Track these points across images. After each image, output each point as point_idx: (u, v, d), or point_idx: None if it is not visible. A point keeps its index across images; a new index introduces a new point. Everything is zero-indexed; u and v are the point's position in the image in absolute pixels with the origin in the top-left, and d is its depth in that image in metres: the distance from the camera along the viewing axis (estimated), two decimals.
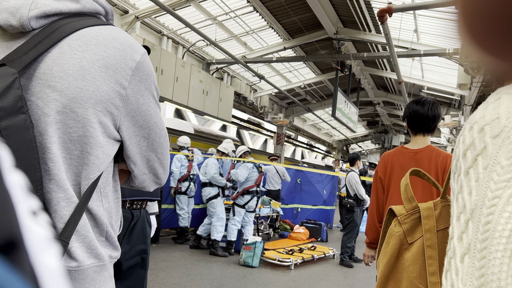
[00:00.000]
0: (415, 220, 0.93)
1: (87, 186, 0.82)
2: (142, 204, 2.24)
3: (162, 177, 1.02)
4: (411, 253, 0.90)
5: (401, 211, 0.96)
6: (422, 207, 0.92)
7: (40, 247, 0.25)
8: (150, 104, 0.91)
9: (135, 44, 0.89)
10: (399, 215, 0.96)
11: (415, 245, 0.91)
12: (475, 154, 0.52)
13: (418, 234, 0.91)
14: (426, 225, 0.89)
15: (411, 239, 0.92)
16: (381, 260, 0.96)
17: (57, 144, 0.78)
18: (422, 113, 2.27)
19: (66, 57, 0.78)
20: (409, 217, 0.94)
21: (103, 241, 0.87)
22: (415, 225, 0.93)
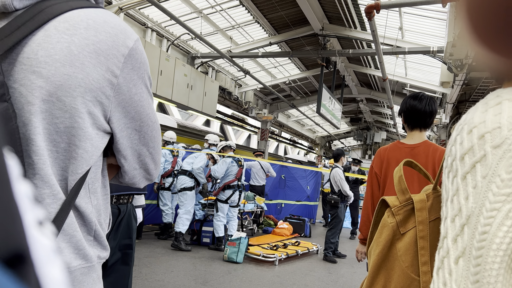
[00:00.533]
0: (408, 212, 0.94)
1: (75, 182, 0.76)
2: (129, 199, 2.19)
3: (154, 173, 0.96)
4: (403, 243, 0.92)
5: (394, 202, 0.98)
6: (415, 199, 0.94)
7: (45, 259, 0.24)
8: (142, 94, 0.85)
9: (128, 30, 0.83)
10: (392, 207, 0.97)
11: (407, 235, 0.92)
12: (473, 160, 0.53)
13: (411, 225, 0.93)
14: (419, 217, 0.91)
15: (403, 229, 0.94)
16: (374, 250, 0.98)
17: (42, 136, 0.71)
18: (420, 108, 2.26)
19: (52, 40, 0.72)
20: (402, 208, 0.96)
21: (91, 241, 0.81)
22: (407, 216, 0.94)
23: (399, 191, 0.98)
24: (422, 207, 0.91)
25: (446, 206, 0.65)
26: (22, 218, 0.23)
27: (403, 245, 0.91)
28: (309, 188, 10.06)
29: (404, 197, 0.96)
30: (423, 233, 0.89)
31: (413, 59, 9.03)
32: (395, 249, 0.93)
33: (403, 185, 0.98)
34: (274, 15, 7.81)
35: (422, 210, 0.90)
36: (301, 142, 23.68)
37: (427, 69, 9.23)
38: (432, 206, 0.90)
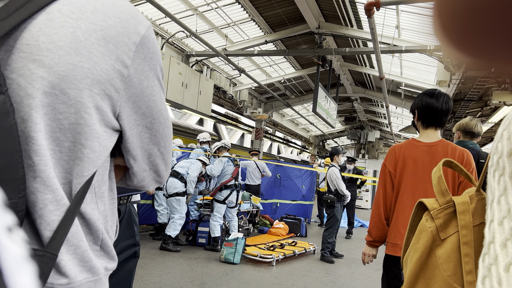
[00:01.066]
0: (449, 215, 0.86)
1: (80, 185, 0.67)
2: (128, 199, 2.12)
3: (164, 175, 0.88)
4: (444, 250, 0.84)
5: (433, 205, 0.89)
6: (457, 201, 0.85)
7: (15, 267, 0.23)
8: (154, 87, 0.77)
9: (139, 15, 0.74)
10: (431, 210, 0.88)
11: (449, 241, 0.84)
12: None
13: (452, 230, 0.85)
14: (462, 221, 0.83)
15: (444, 234, 0.85)
16: (411, 257, 0.89)
17: (43, 133, 0.62)
18: (437, 106, 2.19)
19: (56, 25, 0.62)
20: (442, 211, 0.87)
21: (97, 251, 0.72)
22: (448, 220, 0.86)
23: (438, 193, 0.90)
24: (465, 210, 0.83)
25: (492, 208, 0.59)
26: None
27: (444, 251, 0.83)
28: (304, 187, 10.01)
29: (444, 199, 0.88)
30: (466, 238, 0.81)
31: (408, 58, 9.01)
32: (434, 256, 0.85)
33: (443, 186, 0.90)
34: (270, 13, 7.74)
35: (465, 213, 0.83)
36: (294, 141, 23.65)
37: (423, 68, 9.22)
38: (476, 210, 0.82)
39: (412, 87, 10.64)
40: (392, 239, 2.23)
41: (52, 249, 0.62)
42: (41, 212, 0.63)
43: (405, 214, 2.20)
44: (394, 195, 2.26)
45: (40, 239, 0.63)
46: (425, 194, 2.17)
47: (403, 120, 15.86)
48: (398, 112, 14.71)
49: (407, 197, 2.20)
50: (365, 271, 5.76)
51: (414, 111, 2.31)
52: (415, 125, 2.40)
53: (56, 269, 0.64)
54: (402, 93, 11.72)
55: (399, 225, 2.21)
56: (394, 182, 2.26)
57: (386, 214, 2.28)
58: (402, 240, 2.19)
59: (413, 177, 2.20)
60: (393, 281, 2.26)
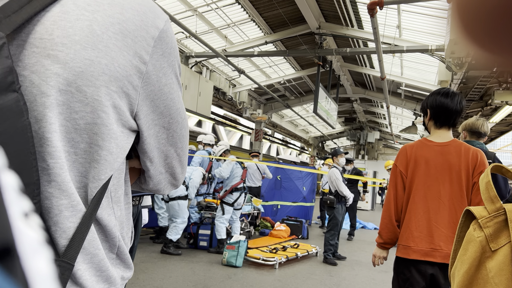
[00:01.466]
0: (500, 224, 0.79)
1: (96, 190, 0.62)
2: (140, 200, 2.07)
3: (180, 178, 0.83)
4: (495, 262, 0.76)
5: (482, 213, 0.82)
6: (509, 209, 0.78)
7: (31, 251, 0.24)
8: (172, 85, 0.72)
9: (157, 8, 0.69)
10: (479, 218, 0.81)
11: (500, 252, 0.76)
12: None
13: (503, 240, 0.77)
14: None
15: (495, 245, 0.77)
16: (458, 270, 0.82)
17: (58, 134, 0.57)
18: (452, 106, 2.14)
19: (71, 18, 0.58)
20: (492, 219, 0.80)
21: (113, 259, 0.67)
22: (499, 229, 0.78)
23: (487, 200, 0.83)
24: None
25: None
26: (7, 211, 0.23)
27: (495, 264, 0.76)
28: (305, 189, 9.96)
29: (493, 206, 0.80)
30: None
31: (409, 58, 8.98)
32: (485, 269, 0.77)
33: (491, 193, 0.82)
34: (270, 13, 7.70)
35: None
36: (293, 143, 23.61)
37: (424, 68, 9.19)
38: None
39: (412, 87, 10.61)
40: (404, 241, 2.17)
41: (68, 259, 0.58)
42: (56, 219, 0.58)
43: (417, 216, 2.15)
44: (405, 196, 2.21)
45: (55, 247, 0.58)
46: (438, 196, 2.12)
47: (403, 121, 15.84)
48: (398, 112, 14.68)
49: (419, 199, 2.15)
50: (369, 273, 5.71)
51: (426, 111, 2.26)
52: (425, 125, 2.35)
53: (72, 280, 0.60)
54: (402, 93, 11.69)
55: (411, 227, 2.16)
56: (405, 183, 2.21)
57: (397, 216, 2.23)
58: (414, 242, 2.13)
59: (426, 177, 2.15)
60: (405, 284, 2.20)
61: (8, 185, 0.24)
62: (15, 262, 0.23)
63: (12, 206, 0.24)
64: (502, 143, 28.76)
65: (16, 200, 0.25)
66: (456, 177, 2.09)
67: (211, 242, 6.37)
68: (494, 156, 3.03)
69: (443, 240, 2.05)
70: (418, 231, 2.13)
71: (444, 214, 2.08)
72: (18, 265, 0.23)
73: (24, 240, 0.24)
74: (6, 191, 0.24)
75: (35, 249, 0.25)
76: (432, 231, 2.08)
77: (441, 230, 2.07)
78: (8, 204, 0.23)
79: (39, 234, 0.26)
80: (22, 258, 0.23)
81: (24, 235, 0.24)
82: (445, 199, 2.11)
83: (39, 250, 0.25)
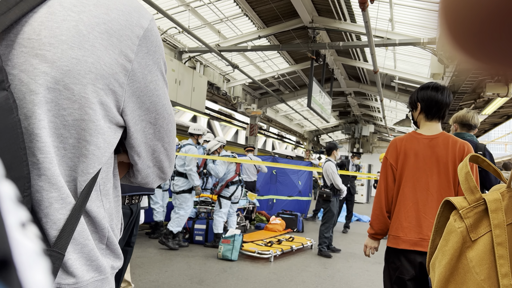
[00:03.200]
0: (479, 214, 0.79)
1: (85, 183, 0.65)
2: (139, 199, 2.10)
3: (168, 171, 0.86)
4: (476, 252, 0.77)
5: (462, 203, 0.82)
6: (489, 199, 0.79)
7: (28, 263, 0.24)
8: (158, 82, 0.75)
9: (142, 8, 0.72)
10: (460, 208, 0.81)
11: (480, 242, 0.77)
12: None
13: (483, 230, 0.78)
14: (495, 220, 0.76)
15: (474, 235, 0.78)
16: (439, 260, 0.82)
17: (47, 130, 0.61)
18: (442, 99, 2.22)
19: (58, 19, 0.61)
20: (472, 210, 0.80)
21: (103, 249, 0.71)
22: (479, 219, 0.79)
23: (467, 190, 0.83)
24: (497, 208, 0.76)
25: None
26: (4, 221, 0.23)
27: (476, 254, 0.77)
28: (301, 183, 10.01)
29: (473, 196, 0.81)
30: (500, 238, 0.74)
31: (402, 51, 9.02)
32: (465, 259, 0.78)
33: (471, 183, 0.83)
34: (263, 7, 7.68)
35: (498, 212, 0.76)
36: (289, 137, 23.65)
37: (417, 61, 9.23)
38: (508, 207, 0.76)
39: (406, 80, 10.66)
40: (394, 232, 2.23)
41: (59, 248, 0.61)
42: (46, 211, 0.61)
43: (406, 207, 2.20)
44: (395, 188, 2.26)
45: (46, 238, 0.62)
46: (426, 187, 2.17)
47: (397, 114, 15.90)
48: (392, 105, 14.74)
49: (408, 190, 2.20)
50: (363, 265, 5.78)
51: (416, 104, 2.30)
52: (413, 119, 2.40)
53: (63, 269, 0.63)
54: (396, 86, 11.74)
55: (400, 217, 2.21)
56: (395, 175, 2.26)
57: (388, 207, 2.29)
58: (403, 232, 2.18)
59: (415, 169, 2.20)
60: (395, 273, 2.26)
61: (5, 195, 0.24)
62: (12, 273, 0.22)
63: (9, 216, 0.23)
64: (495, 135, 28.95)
65: (13, 210, 0.25)
66: (444, 169, 2.14)
67: (206, 236, 6.41)
68: (485, 148, 3.08)
69: (431, 230, 2.10)
70: (407, 222, 2.18)
71: (433, 205, 2.13)
72: (15, 276, 0.22)
73: (21, 251, 0.24)
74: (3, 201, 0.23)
75: (33, 260, 0.25)
76: (421, 222, 2.14)
77: (430, 220, 2.12)
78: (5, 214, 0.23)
79: (36, 245, 0.26)
80: (19, 269, 0.23)
81: (21, 246, 0.24)
82: (433, 190, 2.16)
83: (36, 261, 0.25)
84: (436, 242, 0.87)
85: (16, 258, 0.23)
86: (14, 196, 0.25)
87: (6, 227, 0.23)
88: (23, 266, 0.23)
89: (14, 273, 0.22)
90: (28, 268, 0.24)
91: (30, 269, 0.24)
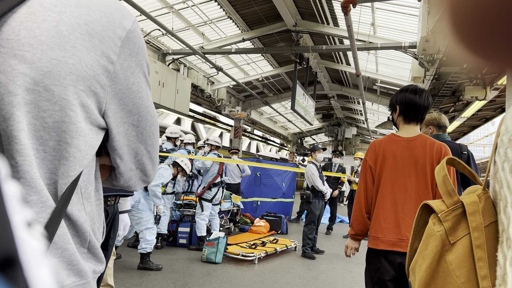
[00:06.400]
0: (458, 217, 0.80)
1: (66, 186, 0.64)
2: (116, 200, 2.07)
3: (151, 174, 0.86)
4: (455, 255, 0.78)
5: (441, 207, 0.82)
6: (466, 202, 0.79)
7: (34, 261, 0.24)
8: (141, 84, 0.75)
9: (124, 9, 0.72)
10: (439, 212, 0.81)
11: (459, 245, 0.78)
12: None
13: (461, 233, 0.78)
14: (473, 223, 0.77)
15: (453, 238, 0.79)
16: (420, 265, 0.83)
17: (27, 132, 0.60)
18: (420, 103, 2.24)
19: (37, 19, 0.60)
20: (450, 213, 0.81)
21: (85, 253, 0.70)
22: (457, 222, 0.80)
23: (445, 193, 0.83)
24: (475, 211, 0.77)
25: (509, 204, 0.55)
26: (11, 220, 0.23)
27: (455, 257, 0.77)
28: (285, 185, 10.04)
29: (451, 200, 0.82)
30: (479, 241, 0.75)
31: (384, 55, 9.16)
32: (445, 262, 0.79)
33: (449, 186, 0.83)
34: (246, 10, 7.71)
35: (476, 214, 0.77)
36: (273, 139, 23.72)
37: (398, 65, 9.39)
38: (485, 209, 0.77)
39: (387, 83, 10.82)
40: (373, 233, 2.26)
41: None
42: None
43: (385, 208, 2.23)
44: (375, 189, 2.29)
45: None
46: (404, 188, 2.21)
47: (379, 117, 16.12)
48: (374, 108, 14.94)
49: (387, 191, 2.24)
50: (346, 266, 5.83)
51: (395, 107, 2.34)
52: (393, 121, 2.44)
53: None
54: (378, 89, 11.90)
55: (379, 218, 2.24)
56: (374, 176, 2.29)
57: (367, 208, 2.32)
58: (382, 233, 2.22)
59: (393, 171, 2.24)
60: (376, 274, 2.29)
61: (11, 194, 0.24)
62: (18, 271, 0.23)
63: (15, 216, 0.24)
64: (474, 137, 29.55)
65: (19, 209, 0.25)
66: (422, 170, 2.18)
67: (190, 239, 6.37)
68: (467, 148, 3.17)
69: (409, 231, 2.14)
70: (386, 223, 2.21)
71: (411, 206, 2.17)
72: (21, 275, 0.23)
73: (27, 250, 0.24)
74: (9, 201, 0.24)
75: (38, 259, 0.25)
76: (399, 222, 2.17)
77: (408, 221, 2.16)
78: (11, 213, 0.23)
79: (41, 244, 0.26)
80: (25, 268, 0.23)
81: (27, 245, 0.24)
82: (411, 191, 2.20)
83: (41, 260, 0.25)
84: (415, 246, 0.87)
85: (22, 256, 0.23)
86: (19, 196, 0.26)
87: (12, 226, 0.23)
88: (29, 265, 0.23)
89: (20, 271, 0.23)
90: (33, 266, 0.24)
91: (36, 267, 0.24)
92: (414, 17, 6.68)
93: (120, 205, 2.22)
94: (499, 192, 0.72)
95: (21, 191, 0.60)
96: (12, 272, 0.22)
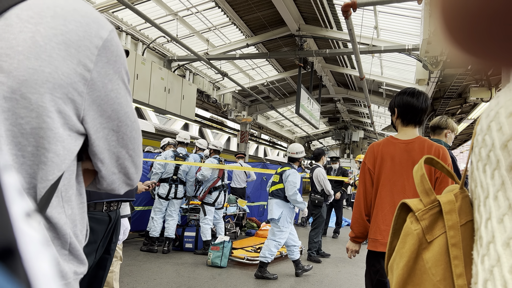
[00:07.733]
0: (434, 216, 0.81)
1: (45, 190, 0.67)
2: (118, 205, 2.11)
3: (134, 178, 0.88)
4: (431, 253, 0.78)
5: (418, 205, 0.83)
6: (443, 201, 0.80)
7: (34, 252, 0.24)
8: (119, 90, 0.77)
9: (101, 19, 0.75)
10: (416, 211, 0.82)
11: (435, 243, 0.78)
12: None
13: (438, 231, 0.79)
14: (449, 221, 0.77)
15: (430, 237, 0.79)
16: (397, 263, 0.83)
17: (5, 139, 0.63)
18: (417, 105, 2.25)
19: (14, 30, 0.63)
20: (427, 212, 0.81)
21: (66, 255, 0.72)
22: (434, 221, 0.80)
23: (422, 192, 0.84)
24: (451, 210, 0.78)
25: (486, 205, 0.55)
26: (10, 211, 0.23)
27: (431, 255, 0.78)
28: None
29: (428, 199, 0.82)
30: (455, 239, 0.76)
31: (388, 58, 9.15)
32: (422, 260, 0.79)
33: (426, 185, 0.84)
34: (250, 16, 7.77)
35: (452, 213, 0.77)
36: (280, 143, 23.72)
37: (403, 67, 9.37)
38: (462, 208, 0.78)
39: (393, 86, 10.79)
40: (373, 235, 2.27)
41: None
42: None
43: (384, 210, 2.24)
44: (373, 192, 2.30)
45: None
46: (402, 191, 2.21)
47: (386, 119, 16.04)
48: (380, 111, 14.88)
49: (385, 194, 2.24)
50: (352, 270, 5.81)
51: (394, 109, 2.35)
52: (393, 123, 2.45)
53: None
54: (383, 92, 11.87)
55: (378, 221, 2.25)
56: (373, 179, 2.30)
57: (367, 210, 2.32)
58: (381, 235, 2.22)
59: (391, 173, 2.24)
60: (376, 276, 2.29)
61: (10, 185, 0.24)
62: (18, 262, 0.23)
63: (14, 206, 0.24)
64: None
65: (18, 200, 0.25)
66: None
67: (196, 243, 6.40)
68: None
69: None
70: (385, 225, 2.22)
71: None
72: (20, 266, 0.23)
73: (26, 241, 0.24)
74: (8, 191, 0.24)
75: (38, 250, 0.25)
76: None
77: None
78: (10, 204, 0.23)
79: (41, 235, 0.26)
80: (24, 259, 0.23)
81: (26, 236, 0.24)
82: (409, 193, 2.20)
83: (41, 251, 0.25)
84: (394, 244, 0.88)
85: (21, 247, 0.23)
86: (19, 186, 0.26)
87: (11, 216, 0.23)
88: (28, 255, 0.24)
89: (20, 262, 0.23)
90: (33, 257, 0.24)
91: (35, 258, 0.24)
92: (416, 20, 6.68)
93: (120, 209, 2.26)
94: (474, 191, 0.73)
95: None
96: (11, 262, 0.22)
